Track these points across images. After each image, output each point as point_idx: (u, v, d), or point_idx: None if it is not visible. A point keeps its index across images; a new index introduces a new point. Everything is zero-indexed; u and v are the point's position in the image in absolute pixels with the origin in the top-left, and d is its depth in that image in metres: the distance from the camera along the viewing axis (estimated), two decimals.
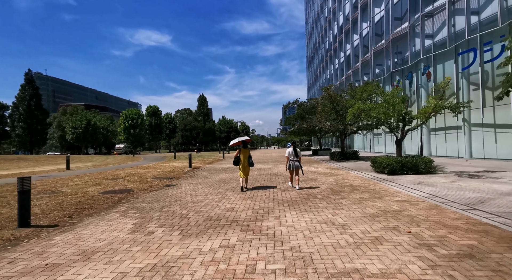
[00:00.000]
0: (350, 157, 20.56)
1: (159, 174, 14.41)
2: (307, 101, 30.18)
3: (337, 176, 11.55)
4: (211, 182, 11.21)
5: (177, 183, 11.15)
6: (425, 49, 19.08)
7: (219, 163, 22.45)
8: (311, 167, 16.48)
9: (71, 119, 56.49)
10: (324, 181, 10.21)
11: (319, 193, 7.85)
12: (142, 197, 8.35)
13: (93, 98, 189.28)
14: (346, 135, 21.63)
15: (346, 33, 36.71)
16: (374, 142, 30.37)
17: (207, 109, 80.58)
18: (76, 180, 12.46)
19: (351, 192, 7.89)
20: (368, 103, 12.84)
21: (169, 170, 16.78)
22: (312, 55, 64.11)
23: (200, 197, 7.89)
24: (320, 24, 53.40)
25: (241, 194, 8.21)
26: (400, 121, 11.78)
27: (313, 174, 12.55)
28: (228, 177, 12.65)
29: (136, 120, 57.89)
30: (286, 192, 8.25)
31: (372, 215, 5.34)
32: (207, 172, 15.44)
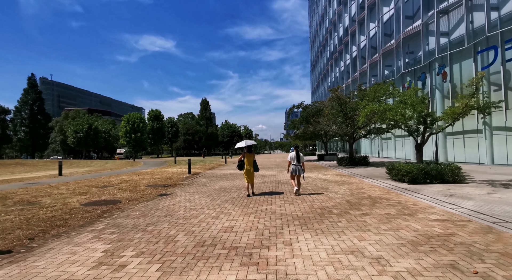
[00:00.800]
0: (360, 162, 19.30)
1: (154, 181, 13.29)
2: (312, 105, 29.03)
3: (351, 185, 10.33)
4: (210, 190, 10.05)
5: (172, 192, 10.02)
6: (440, 47, 17.91)
7: (221, 169, 21.31)
8: (319, 173, 15.26)
9: (72, 123, 55.90)
10: (337, 191, 9.00)
11: (335, 207, 6.65)
12: (129, 209, 7.22)
13: (97, 102, 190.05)
14: (355, 139, 20.40)
15: (352, 35, 35.69)
16: (383, 146, 29.03)
17: (209, 114, 79.73)
18: (63, 188, 11.38)
19: (373, 205, 6.68)
20: (383, 104, 11.65)
21: (166, 176, 15.67)
22: (316, 59, 63.17)
23: (195, 211, 6.74)
24: (324, 27, 52.53)
25: (243, 207, 7.03)
26: (420, 123, 10.56)
27: (323, 182, 11.33)
28: (228, 184, 11.49)
29: (137, 125, 57.11)
30: (295, 205, 7.06)
31: (413, 242, 4.13)
32: (207, 178, 14.30)
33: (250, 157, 8.77)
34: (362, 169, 16.55)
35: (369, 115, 11.95)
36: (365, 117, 11.98)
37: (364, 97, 17.81)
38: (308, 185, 10.58)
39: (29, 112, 64.27)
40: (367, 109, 11.65)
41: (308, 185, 10.72)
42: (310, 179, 12.51)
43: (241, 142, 9.20)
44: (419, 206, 6.41)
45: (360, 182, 11.10)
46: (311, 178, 13.15)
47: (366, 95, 18.07)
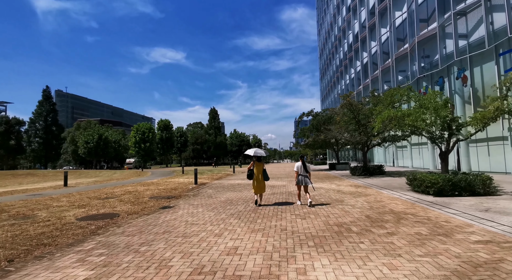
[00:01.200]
0: (374, 172, 18.28)
1: (159, 192, 12.74)
2: (322, 112, 28.25)
3: (368, 197, 9.45)
4: (215, 203, 9.38)
5: (176, 204, 9.40)
6: (459, 50, 17.00)
7: (228, 179, 20.64)
8: (332, 184, 14.38)
9: (83, 134, 56.72)
10: (353, 204, 8.16)
11: (354, 224, 5.85)
12: (126, 224, 6.63)
13: (109, 113, 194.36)
14: (368, 148, 19.43)
15: (363, 41, 35.06)
16: (398, 155, 27.79)
17: (218, 123, 79.79)
18: (64, 199, 10.94)
19: (398, 222, 5.84)
20: (402, 109, 10.85)
21: (172, 186, 15.13)
22: (326, 67, 62.66)
23: (197, 227, 6.07)
24: (333, 34, 52.19)
25: (249, 223, 6.32)
26: (445, 129, 9.68)
27: (337, 194, 10.48)
28: (235, 196, 10.79)
29: (147, 135, 57.45)
30: (307, 220, 6.30)
31: (458, 273, 3.32)
32: (213, 189, 13.65)
33: (259, 166, 8.53)
34: (378, 179, 15.57)
35: (385, 122, 11.13)
36: (381, 123, 11.16)
37: (378, 102, 17.00)
38: (321, 197, 9.77)
39: (43, 123, 65.84)
40: (384, 115, 10.87)
41: (321, 196, 9.91)
42: (323, 190, 11.68)
43: (250, 150, 8.97)
44: (453, 224, 5.54)
45: (378, 193, 10.20)
46: (323, 188, 12.31)
47: (380, 101, 17.26)
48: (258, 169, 8.49)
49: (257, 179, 8.41)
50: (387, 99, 11.69)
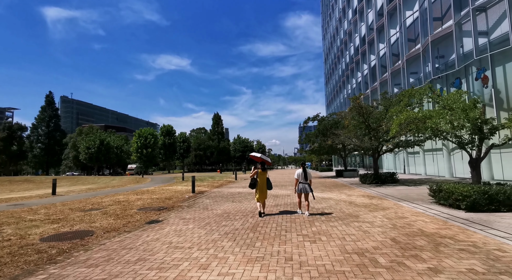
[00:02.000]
0: (386, 180, 16.87)
1: (151, 202, 11.56)
2: (328, 116, 26.96)
3: (387, 211, 8.12)
4: (210, 217, 8.15)
5: (165, 218, 8.20)
6: (478, 49, 15.69)
7: (229, 186, 19.39)
8: (341, 193, 13.03)
9: (85, 139, 56.11)
10: (372, 221, 6.85)
11: (379, 251, 4.56)
12: (96, 247, 5.44)
13: (114, 119, 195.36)
14: (379, 154, 18.06)
15: (370, 43, 33.91)
16: (409, 161, 26.27)
17: (221, 128, 78.80)
18: (42, 211, 9.81)
19: (436, 250, 4.54)
20: (422, 111, 9.58)
21: (167, 195, 13.94)
22: (331, 71, 61.58)
23: (180, 253, 4.86)
24: (339, 38, 51.22)
25: (246, 247, 5.07)
26: (475, 133, 8.36)
27: (349, 206, 9.16)
28: (234, 208, 9.53)
29: (149, 140, 56.60)
30: (319, 244, 5.03)
31: None
32: (211, 199, 12.41)
33: (263, 175, 8.20)
34: (392, 188, 14.17)
35: (402, 125, 9.84)
36: (398, 126, 9.87)
37: (390, 105, 15.73)
38: (332, 211, 8.46)
39: (45, 129, 65.58)
40: (401, 117, 9.59)
41: (331, 210, 8.60)
42: (333, 202, 10.36)
43: (257, 153, 8.61)
44: (511, 254, 4.22)
45: (397, 206, 8.85)
46: (333, 200, 10.98)
47: (392, 103, 15.97)
48: (262, 178, 8.13)
49: (261, 189, 8.04)
50: (404, 100, 10.42)
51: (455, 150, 19.05)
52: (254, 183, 8.04)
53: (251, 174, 8.23)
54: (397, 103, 15.71)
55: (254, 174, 8.13)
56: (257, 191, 8.04)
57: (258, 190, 8.02)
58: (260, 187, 8.03)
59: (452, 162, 19.39)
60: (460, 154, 18.60)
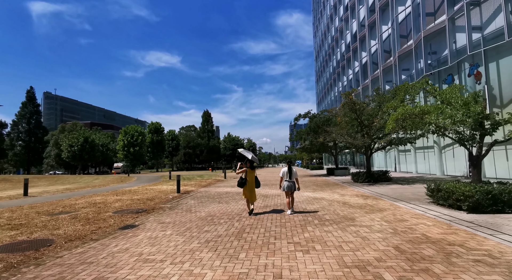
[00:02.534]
0: (379, 178, 16.44)
1: (130, 204, 10.66)
2: (320, 113, 26.44)
3: (384, 213, 7.53)
4: (192, 220, 7.38)
5: (142, 223, 7.37)
6: (472, 44, 15.37)
7: (217, 185, 18.58)
8: (334, 193, 12.45)
9: (68, 136, 53.85)
10: (369, 225, 6.23)
11: (383, 263, 3.90)
12: (50, 261, 4.61)
13: (101, 116, 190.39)
14: (372, 152, 17.62)
15: (362, 40, 33.57)
16: (400, 159, 26.08)
17: (211, 126, 77.51)
18: (5, 215, 8.83)
19: (448, 261, 3.91)
20: (420, 106, 9.05)
21: (149, 196, 13.05)
22: (322, 69, 61.29)
23: (148, 268, 4.08)
24: (330, 35, 50.88)
25: (228, 260, 4.34)
26: (476, 129, 7.86)
27: (343, 207, 8.53)
28: (220, 210, 8.76)
29: (136, 138, 54.89)
30: (313, 256, 4.34)
31: None
32: (197, 200, 11.60)
33: (252, 174, 8.06)
34: (386, 187, 13.71)
35: (399, 120, 9.29)
36: (395, 122, 9.31)
37: (384, 101, 15.26)
38: (326, 213, 7.81)
39: (26, 126, 62.65)
40: (398, 112, 9.03)
41: (325, 212, 7.95)
42: (325, 202, 9.73)
43: (248, 153, 8.29)
44: None
45: (394, 207, 8.29)
46: (325, 200, 10.36)
47: (385, 99, 15.50)
48: (250, 177, 8.00)
49: (250, 188, 7.92)
50: (400, 95, 9.88)
51: (446, 147, 18.84)
52: (243, 182, 7.85)
53: (238, 171, 8.02)
54: (391, 99, 15.27)
55: (242, 173, 7.97)
56: (246, 190, 7.89)
57: (246, 189, 7.88)
58: (249, 186, 7.90)
59: (444, 159, 19.18)
60: (451, 151, 18.39)
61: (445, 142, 18.65)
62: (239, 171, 8.00)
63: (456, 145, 17.72)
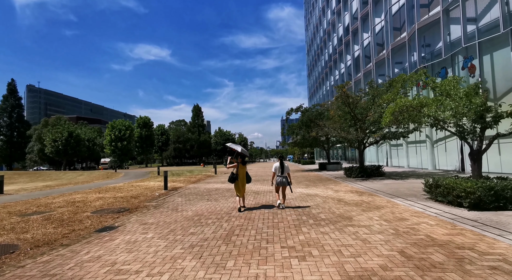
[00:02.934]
0: (372, 173, 16.19)
1: (113, 202, 9.99)
2: (312, 107, 26.00)
3: (382, 210, 7.14)
4: (178, 221, 6.81)
5: (122, 224, 6.76)
6: (466, 36, 15.10)
7: (207, 181, 17.98)
8: (327, 188, 12.06)
9: (51, 131, 51.81)
10: (368, 225, 5.79)
11: (390, 273, 3.44)
12: (9, 273, 4.05)
13: (88, 110, 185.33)
14: (365, 146, 17.33)
15: (354, 33, 33.15)
16: (392, 154, 26.03)
17: (202, 120, 76.32)
18: None
19: (462, 269, 3.48)
20: (419, 98, 8.65)
21: (134, 193, 12.37)
22: (314, 62, 60.82)
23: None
24: (322, 28, 50.30)
25: (214, 269, 3.79)
26: (477, 122, 7.51)
27: (338, 205, 8.11)
28: (208, 209, 8.20)
29: (124, 132, 53.34)
30: (309, 262, 3.87)
31: None
32: (184, 197, 11.00)
33: (242, 169, 7.91)
34: (380, 183, 13.42)
35: (396, 113, 8.88)
36: (392, 115, 8.90)
37: (378, 94, 14.88)
38: (320, 211, 7.36)
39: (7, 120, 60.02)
40: (396, 105, 8.61)
41: (319, 210, 7.50)
42: (319, 199, 9.29)
43: (237, 146, 8.09)
44: None
45: (392, 204, 7.91)
46: (319, 196, 9.93)
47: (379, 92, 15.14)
48: (241, 172, 7.83)
49: (240, 183, 7.75)
50: (397, 86, 9.46)
51: (439, 142, 18.74)
52: (234, 177, 7.69)
53: (229, 166, 7.91)
54: (385, 92, 14.90)
55: (233, 167, 7.81)
56: (237, 186, 7.74)
57: (237, 184, 7.73)
58: (240, 181, 7.74)
59: (436, 154, 19.10)
60: (443, 145, 18.30)
61: (438, 136, 18.54)
62: (229, 166, 7.90)
63: (448, 139, 17.62)
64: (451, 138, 17.25)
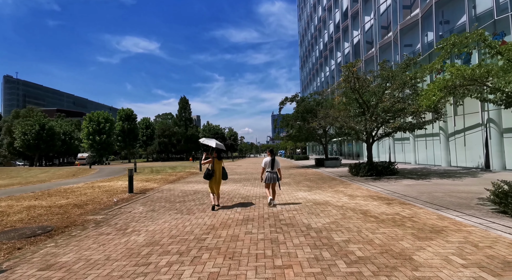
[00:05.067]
0: (384, 171, 13.66)
1: (40, 215, 7.03)
2: (309, 96, 23.22)
3: (447, 238, 4.46)
4: (112, 258, 3.95)
5: (11, 267, 3.82)
6: (499, 8, 12.58)
7: (188, 180, 15.03)
8: (337, 192, 9.35)
9: (21, 123, 47.20)
10: (454, 278, 3.03)
11: None
12: None
13: (70, 103, 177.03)
14: (374, 139, 14.76)
15: (354, 17, 30.48)
16: (396, 148, 23.69)
17: (189, 114, 72.54)
18: None
19: None
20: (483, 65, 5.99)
21: (84, 199, 9.38)
22: (307, 53, 58.03)
23: None
24: (317, 15, 47.45)
25: None
26: None
27: (368, 223, 5.39)
28: (172, 229, 5.33)
29: (103, 125, 49.31)
30: None
31: None
32: (149, 205, 8.06)
33: (219, 164, 7.44)
34: (399, 184, 10.85)
35: (449, 87, 6.18)
36: (443, 90, 6.20)
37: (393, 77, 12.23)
38: (347, 237, 4.61)
39: None
40: (454, 75, 5.91)
41: (344, 234, 4.75)
42: (335, 212, 6.56)
43: (210, 140, 7.63)
44: None
45: (452, 223, 5.24)
46: (332, 206, 7.20)
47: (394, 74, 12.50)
48: (218, 168, 7.40)
49: (216, 180, 7.33)
50: (446, 48, 6.78)
51: (456, 134, 16.38)
52: (210, 173, 7.23)
53: (204, 161, 7.39)
54: (403, 72, 12.28)
55: (208, 163, 7.33)
56: (212, 183, 7.27)
57: (213, 181, 7.27)
58: (216, 177, 7.31)
59: (453, 148, 16.70)
60: (462, 139, 15.94)
61: (456, 128, 16.15)
62: (204, 161, 7.38)
63: (469, 131, 15.27)
64: (472, 130, 14.90)
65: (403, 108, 12.18)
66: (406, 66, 12.72)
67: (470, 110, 15.08)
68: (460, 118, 15.78)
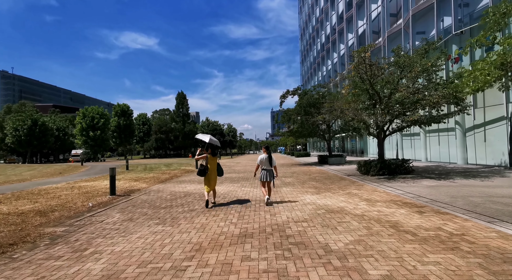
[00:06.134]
0: (397, 169, 12.31)
1: (2, 221, 5.62)
2: (312, 89, 21.75)
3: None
4: None
5: None
6: None
7: (181, 180, 13.66)
8: (351, 196, 7.98)
9: (12, 119, 45.60)
10: None
11: None
12: None
13: (67, 99, 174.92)
14: (385, 134, 13.39)
15: (359, 5, 28.86)
16: (404, 144, 22.32)
17: (187, 109, 70.88)
18: None
19: None
20: None
21: (54, 203, 8.04)
22: (308, 47, 56.33)
23: None
24: (319, 6, 45.70)
25: None
26: None
27: (407, 245, 4.01)
28: (145, 250, 3.92)
29: (97, 121, 47.80)
30: None
31: None
32: (128, 212, 6.69)
33: (213, 160, 7.19)
34: (419, 185, 9.49)
35: (508, 64, 4.76)
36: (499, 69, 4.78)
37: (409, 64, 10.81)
38: (387, 271, 3.18)
39: None
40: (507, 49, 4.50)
41: (376, 263, 3.33)
42: (356, 224, 5.21)
43: (204, 136, 7.32)
44: None
45: None
46: (350, 215, 5.83)
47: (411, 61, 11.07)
48: (212, 164, 7.12)
49: (211, 177, 7.05)
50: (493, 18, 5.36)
51: (475, 129, 15.00)
52: (204, 170, 6.98)
53: (197, 157, 7.18)
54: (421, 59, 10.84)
55: (201, 159, 7.13)
56: (206, 179, 7.02)
57: (207, 178, 7.02)
58: (210, 174, 7.04)
59: (472, 144, 15.32)
60: (481, 134, 14.56)
61: (475, 122, 14.76)
62: (198, 157, 7.20)
63: (489, 126, 13.88)
64: (494, 124, 13.54)
65: (421, 99, 10.77)
66: (425, 51, 11.29)
67: (492, 103, 13.70)
68: (480, 111, 14.39)
